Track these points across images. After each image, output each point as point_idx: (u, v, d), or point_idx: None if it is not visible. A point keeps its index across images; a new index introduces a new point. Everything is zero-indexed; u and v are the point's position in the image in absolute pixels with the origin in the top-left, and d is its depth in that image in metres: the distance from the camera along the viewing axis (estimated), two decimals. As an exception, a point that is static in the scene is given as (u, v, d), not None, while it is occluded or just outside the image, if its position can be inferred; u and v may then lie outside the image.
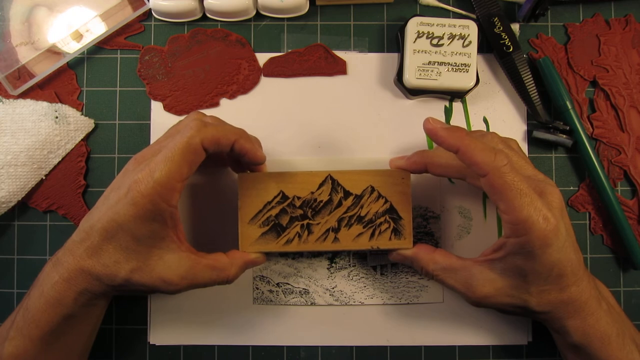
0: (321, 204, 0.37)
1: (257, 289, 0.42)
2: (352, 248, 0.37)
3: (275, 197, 0.37)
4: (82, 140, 0.43)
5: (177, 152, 0.31)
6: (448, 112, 0.43)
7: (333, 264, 0.42)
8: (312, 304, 0.42)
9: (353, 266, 0.42)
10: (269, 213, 0.37)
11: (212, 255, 0.36)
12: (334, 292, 0.42)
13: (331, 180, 0.37)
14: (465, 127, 0.43)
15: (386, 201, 0.37)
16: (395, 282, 0.42)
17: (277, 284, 0.42)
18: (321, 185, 0.37)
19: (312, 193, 0.37)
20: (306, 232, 0.37)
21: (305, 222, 0.37)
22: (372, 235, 0.37)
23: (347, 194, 0.37)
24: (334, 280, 0.42)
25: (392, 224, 0.37)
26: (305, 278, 0.42)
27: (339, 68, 0.43)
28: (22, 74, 0.42)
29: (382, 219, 0.37)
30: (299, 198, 0.37)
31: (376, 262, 0.42)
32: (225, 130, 0.33)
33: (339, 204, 0.37)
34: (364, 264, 0.42)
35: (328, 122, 0.43)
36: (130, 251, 0.32)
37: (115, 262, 0.32)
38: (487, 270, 0.34)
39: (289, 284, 0.42)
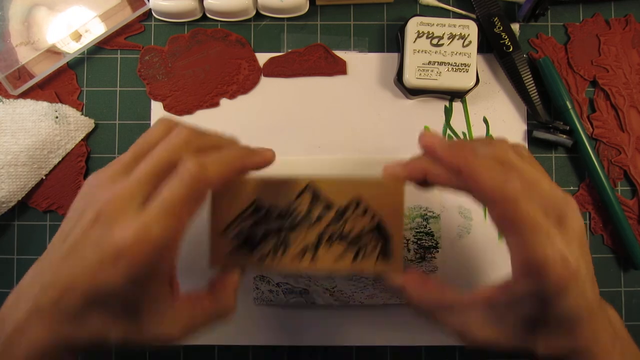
0: (299, 216, 0.32)
1: (257, 288, 0.42)
2: (333, 270, 0.32)
3: (249, 206, 0.32)
4: (82, 140, 0.43)
5: (178, 202, 0.25)
6: (448, 112, 0.43)
7: None
8: (312, 303, 0.42)
9: None
10: (242, 225, 0.32)
11: (208, 291, 0.32)
12: (334, 291, 0.42)
13: (312, 189, 0.32)
14: (466, 129, 0.43)
15: (374, 216, 0.31)
16: None
17: (277, 283, 0.42)
18: (300, 193, 0.32)
19: (291, 203, 0.32)
20: (282, 248, 0.32)
21: (282, 236, 0.32)
22: (357, 255, 0.32)
23: (328, 205, 0.32)
24: (334, 280, 0.42)
25: (380, 244, 0.31)
26: (305, 278, 0.42)
27: (339, 68, 0.43)
28: (22, 74, 0.42)
29: (368, 237, 0.31)
30: (275, 208, 0.32)
31: None
32: (229, 159, 0.28)
33: (319, 217, 0.32)
34: None
35: (328, 122, 0.43)
36: (121, 315, 0.26)
37: (104, 327, 0.26)
38: (487, 312, 0.29)
39: (289, 284, 0.42)
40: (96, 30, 0.42)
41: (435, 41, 0.41)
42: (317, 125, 0.43)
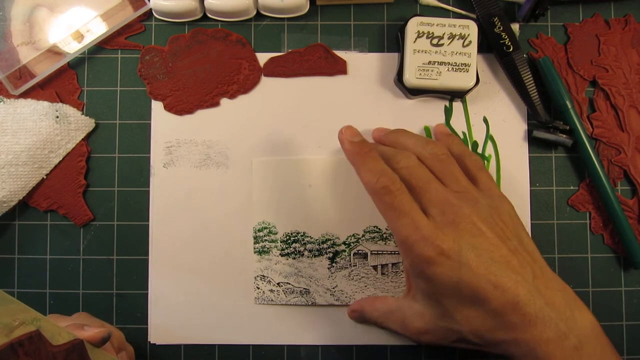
0: None
1: (258, 288, 0.42)
2: None
3: None
4: (82, 139, 0.43)
5: None
6: (448, 112, 0.43)
7: (334, 264, 0.42)
8: (312, 303, 0.42)
9: (354, 266, 0.42)
10: None
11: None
12: (334, 291, 0.42)
13: None
14: (466, 129, 0.43)
15: None
16: (396, 281, 0.42)
17: (278, 283, 0.42)
18: None
19: None
20: None
21: None
22: None
23: None
24: (334, 280, 0.42)
25: None
26: (306, 278, 0.42)
27: (339, 68, 0.43)
28: (23, 73, 0.42)
29: None
30: None
31: (377, 262, 0.42)
32: None
33: None
34: (364, 263, 0.42)
35: (328, 122, 0.43)
36: None
37: None
38: (413, 304, 0.34)
39: (289, 284, 0.42)
40: (97, 30, 0.43)
41: (435, 41, 0.41)
42: (317, 125, 0.43)
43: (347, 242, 0.42)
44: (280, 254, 0.42)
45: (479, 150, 0.43)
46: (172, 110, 0.43)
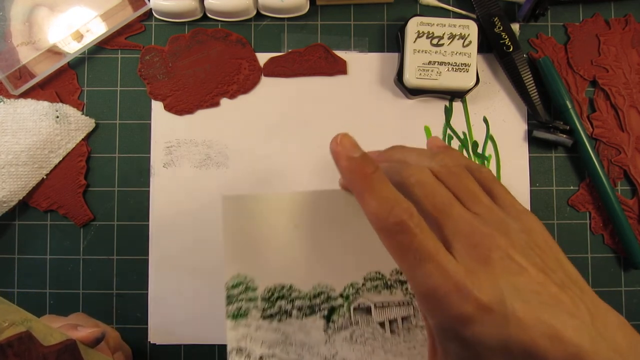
0: None
1: None
2: None
3: None
4: (82, 139, 0.43)
5: None
6: (448, 112, 0.43)
7: (330, 324, 0.33)
8: None
9: (355, 324, 0.33)
10: None
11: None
12: None
13: None
14: (466, 129, 0.43)
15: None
16: (409, 341, 0.33)
17: (260, 357, 0.33)
18: None
19: None
20: None
21: None
22: None
23: None
24: (333, 346, 0.33)
25: None
26: (296, 346, 0.33)
27: (339, 68, 0.43)
28: (23, 73, 0.42)
29: None
30: None
31: (384, 317, 0.34)
32: None
33: None
34: (368, 320, 0.34)
35: (328, 122, 0.43)
36: None
37: None
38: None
39: (275, 357, 0.33)
40: (97, 30, 0.43)
41: (435, 41, 0.41)
42: (317, 125, 0.43)
43: (344, 295, 0.33)
44: (261, 317, 0.33)
45: (479, 150, 0.43)
46: (172, 110, 0.43)
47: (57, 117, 0.42)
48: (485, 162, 0.43)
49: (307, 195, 0.33)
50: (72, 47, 0.42)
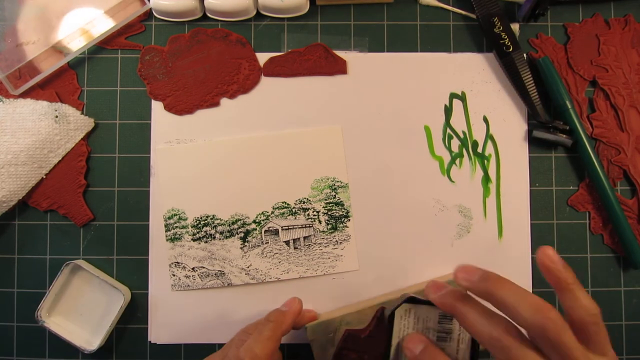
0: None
1: (174, 275, 0.42)
2: None
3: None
4: (82, 139, 0.43)
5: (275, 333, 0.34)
6: (448, 112, 0.43)
7: (246, 243, 0.42)
8: (229, 284, 0.42)
9: (266, 243, 0.42)
10: None
11: None
12: (249, 270, 0.42)
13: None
14: (466, 128, 0.43)
15: None
16: (309, 254, 0.42)
17: (193, 268, 0.42)
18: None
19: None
20: None
21: None
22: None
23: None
24: (248, 259, 0.42)
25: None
26: (219, 260, 0.42)
27: (339, 68, 0.43)
28: (23, 73, 0.42)
29: None
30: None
31: (289, 237, 0.42)
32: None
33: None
34: (276, 239, 0.42)
35: (328, 121, 0.43)
36: None
37: None
38: None
39: (204, 267, 0.42)
40: (97, 30, 0.43)
41: None
42: (317, 125, 0.43)
43: (257, 221, 0.42)
44: (192, 239, 0.42)
45: (479, 149, 0.43)
46: (172, 110, 0.43)
47: (56, 116, 0.42)
48: (485, 161, 0.43)
49: (223, 142, 0.42)
50: (72, 47, 0.42)
